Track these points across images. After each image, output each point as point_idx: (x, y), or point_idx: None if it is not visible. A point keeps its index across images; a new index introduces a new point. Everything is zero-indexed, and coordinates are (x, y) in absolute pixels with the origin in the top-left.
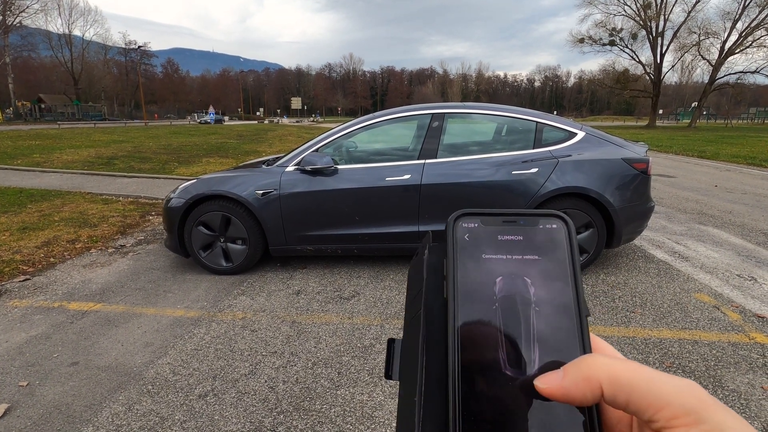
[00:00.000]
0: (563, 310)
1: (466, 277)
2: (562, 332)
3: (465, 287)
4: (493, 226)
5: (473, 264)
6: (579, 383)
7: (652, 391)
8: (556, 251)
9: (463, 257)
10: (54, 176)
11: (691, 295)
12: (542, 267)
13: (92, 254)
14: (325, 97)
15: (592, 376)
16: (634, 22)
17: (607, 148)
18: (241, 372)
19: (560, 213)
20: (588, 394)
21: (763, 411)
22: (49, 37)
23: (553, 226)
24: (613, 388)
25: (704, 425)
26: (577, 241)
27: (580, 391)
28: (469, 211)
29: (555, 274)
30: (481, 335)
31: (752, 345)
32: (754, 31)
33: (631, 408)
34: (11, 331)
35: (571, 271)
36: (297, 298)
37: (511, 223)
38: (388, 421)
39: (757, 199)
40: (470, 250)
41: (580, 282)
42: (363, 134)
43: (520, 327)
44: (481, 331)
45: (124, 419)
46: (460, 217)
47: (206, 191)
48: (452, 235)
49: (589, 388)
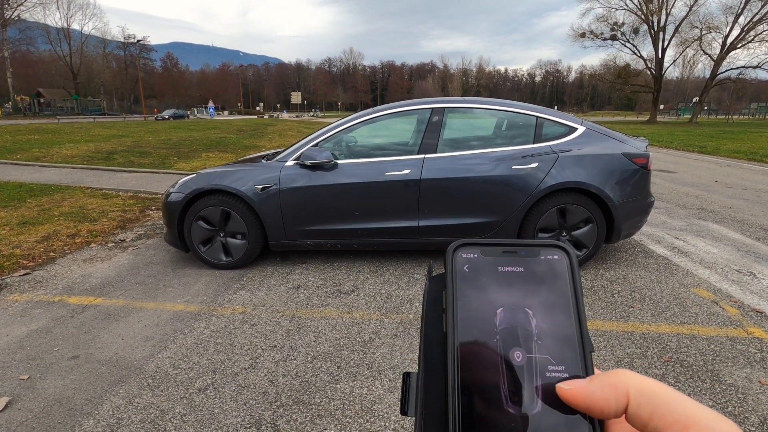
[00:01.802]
0: (566, 344)
1: (466, 309)
2: (565, 364)
3: (465, 320)
4: (493, 256)
5: (473, 296)
6: (605, 388)
7: (681, 408)
8: (558, 283)
9: (462, 289)
10: (53, 171)
11: (690, 290)
12: (544, 299)
13: (92, 249)
14: (325, 91)
15: (620, 383)
16: (635, 17)
17: (608, 143)
18: (241, 366)
19: (562, 244)
20: (612, 400)
21: (760, 405)
22: (48, 31)
23: (554, 257)
24: (640, 398)
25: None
26: (579, 273)
27: (604, 396)
28: (468, 241)
29: (557, 307)
30: (481, 370)
31: (750, 340)
32: (756, 25)
33: (655, 422)
34: (12, 325)
35: (573, 304)
36: (297, 292)
37: (511, 254)
38: (387, 414)
39: (757, 195)
40: (470, 282)
41: (583, 315)
42: (362, 129)
43: (523, 361)
44: (481, 365)
45: (124, 412)
46: (459, 247)
47: (206, 186)
48: (452, 267)
49: (614, 394)
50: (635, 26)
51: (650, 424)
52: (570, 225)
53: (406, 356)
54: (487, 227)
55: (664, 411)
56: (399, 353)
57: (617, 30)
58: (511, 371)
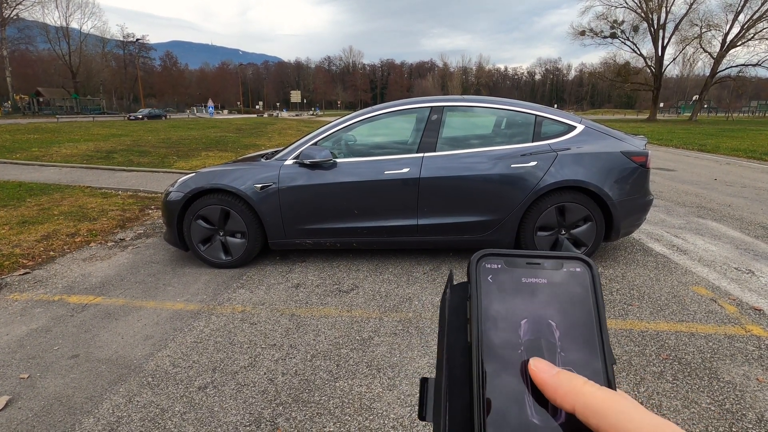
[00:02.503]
0: (589, 356)
1: (490, 320)
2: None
3: (489, 330)
4: (516, 267)
5: (498, 306)
6: (558, 390)
7: (625, 422)
8: (581, 295)
9: (486, 299)
10: (53, 170)
11: (689, 287)
12: (567, 311)
13: (92, 248)
14: (324, 90)
15: (570, 394)
16: (635, 15)
17: (606, 141)
18: (240, 364)
19: (585, 257)
20: (558, 402)
21: (757, 402)
22: (47, 30)
23: (577, 269)
24: (586, 411)
25: None
26: (601, 286)
27: (556, 396)
28: (492, 251)
29: (580, 319)
30: (506, 380)
31: (748, 337)
32: (756, 23)
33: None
34: (12, 324)
35: (596, 316)
36: (296, 291)
37: (534, 266)
38: (386, 412)
39: (757, 193)
40: (494, 293)
41: (605, 327)
42: (362, 127)
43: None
44: (506, 375)
45: (124, 411)
46: (483, 257)
47: (205, 185)
48: (476, 277)
49: (565, 400)
50: (635, 24)
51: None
52: (569, 223)
53: (405, 354)
54: (486, 226)
55: (606, 425)
56: (398, 351)
57: (617, 28)
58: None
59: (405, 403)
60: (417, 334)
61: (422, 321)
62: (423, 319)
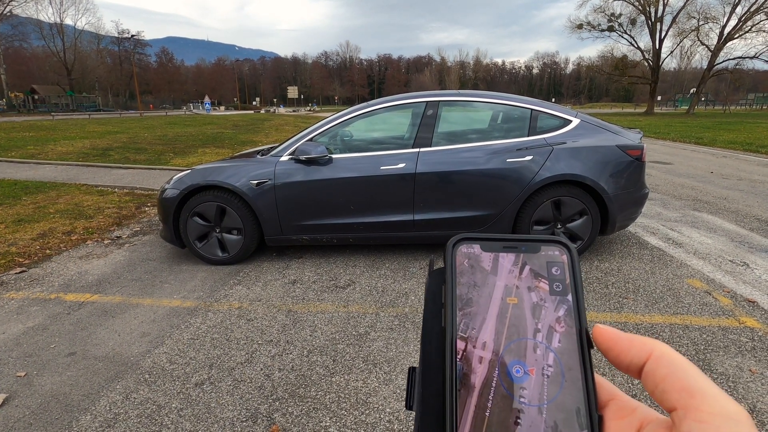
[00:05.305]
0: (565, 338)
1: (464, 303)
2: (564, 359)
3: (463, 315)
4: (493, 251)
5: (473, 291)
6: (634, 340)
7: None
8: (558, 278)
9: (462, 283)
10: (49, 168)
11: (684, 280)
12: (543, 294)
13: (88, 246)
14: (321, 86)
15: (649, 343)
16: (632, 7)
17: (602, 135)
18: (237, 360)
19: (563, 239)
20: (634, 351)
21: (750, 393)
22: (41, 27)
23: (555, 252)
24: (660, 360)
25: None
26: (579, 269)
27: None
28: (468, 235)
29: (557, 302)
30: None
31: (742, 329)
32: (753, 15)
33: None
34: (8, 323)
35: (573, 299)
36: (293, 287)
37: (511, 249)
38: (382, 406)
39: (752, 186)
40: (470, 276)
41: (583, 310)
42: (358, 123)
43: (523, 355)
44: (479, 360)
45: (121, 408)
46: (459, 241)
47: (201, 182)
48: (451, 261)
49: (639, 348)
50: (632, 17)
51: (660, 386)
52: (565, 217)
53: (402, 349)
54: (482, 220)
55: (676, 377)
56: (394, 346)
57: (614, 21)
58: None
59: (401, 398)
60: (413, 329)
61: (418, 316)
62: (419, 314)
